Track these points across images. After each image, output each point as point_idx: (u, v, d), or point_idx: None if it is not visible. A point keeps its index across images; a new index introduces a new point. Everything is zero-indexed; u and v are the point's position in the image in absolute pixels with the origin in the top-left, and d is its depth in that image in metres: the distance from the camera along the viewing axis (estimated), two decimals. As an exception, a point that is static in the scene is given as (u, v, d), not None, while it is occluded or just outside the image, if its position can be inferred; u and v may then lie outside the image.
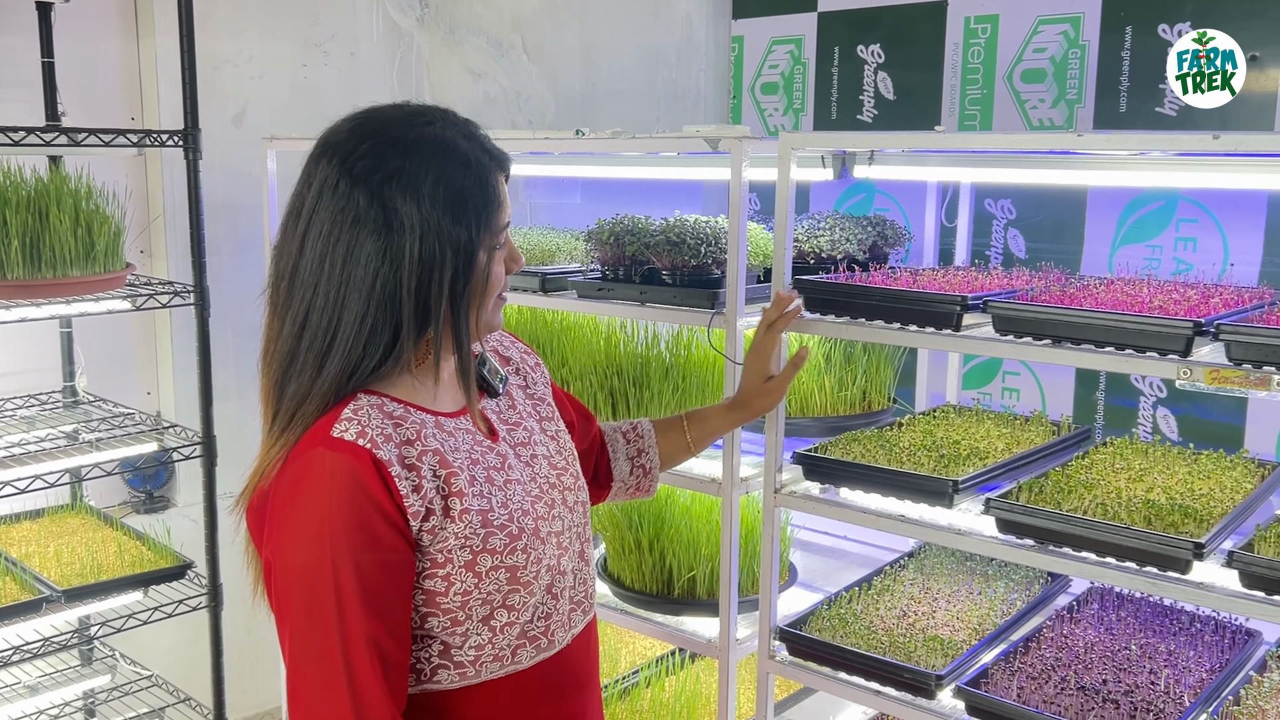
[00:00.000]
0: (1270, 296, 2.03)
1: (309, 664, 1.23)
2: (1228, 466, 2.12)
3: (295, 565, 1.23)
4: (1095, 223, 2.68)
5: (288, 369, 1.30)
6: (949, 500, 1.97)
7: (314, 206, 1.29)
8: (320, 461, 1.23)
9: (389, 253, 1.27)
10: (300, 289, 1.29)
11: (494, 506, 1.33)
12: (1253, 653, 2.10)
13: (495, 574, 1.31)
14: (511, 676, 1.36)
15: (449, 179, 1.29)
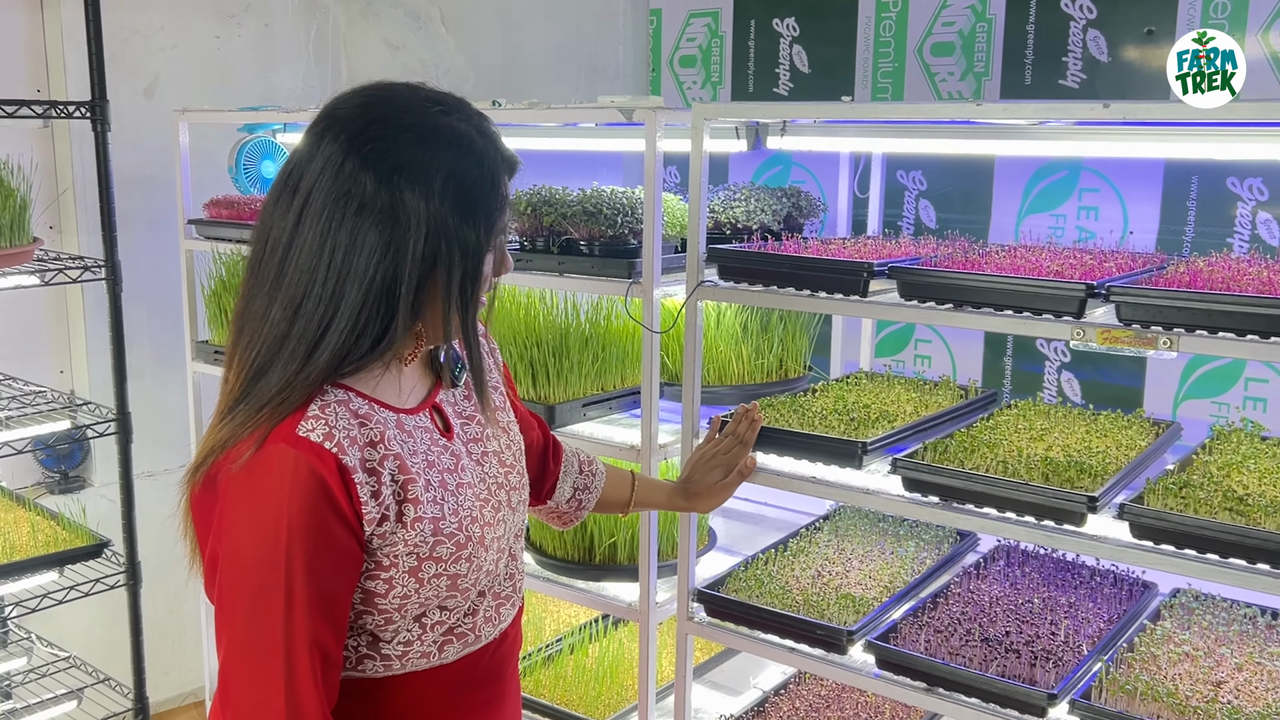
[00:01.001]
0: (1161, 261, 2.12)
1: (248, 660, 1.21)
2: (1124, 426, 2.21)
3: (246, 561, 1.20)
4: (1002, 193, 2.75)
5: (275, 354, 1.24)
6: (858, 461, 2.03)
7: (315, 183, 1.23)
8: (281, 458, 1.19)
9: (393, 246, 1.22)
10: (295, 271, 1.23)
11: (445, 514, 1.31)
12: (1148, 603, 2.20)
13: (437, 580, 1.30)
14: (436, 669, 1.37)
15: (461, 176, 1.24)
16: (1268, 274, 1.78)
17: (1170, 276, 1.82)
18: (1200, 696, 1.78)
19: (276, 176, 1.30)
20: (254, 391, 1.24)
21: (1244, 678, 1.86)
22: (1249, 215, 2.42)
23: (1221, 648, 1.97)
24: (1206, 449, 2.06)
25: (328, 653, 1.22)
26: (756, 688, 2.60)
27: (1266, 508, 1.68)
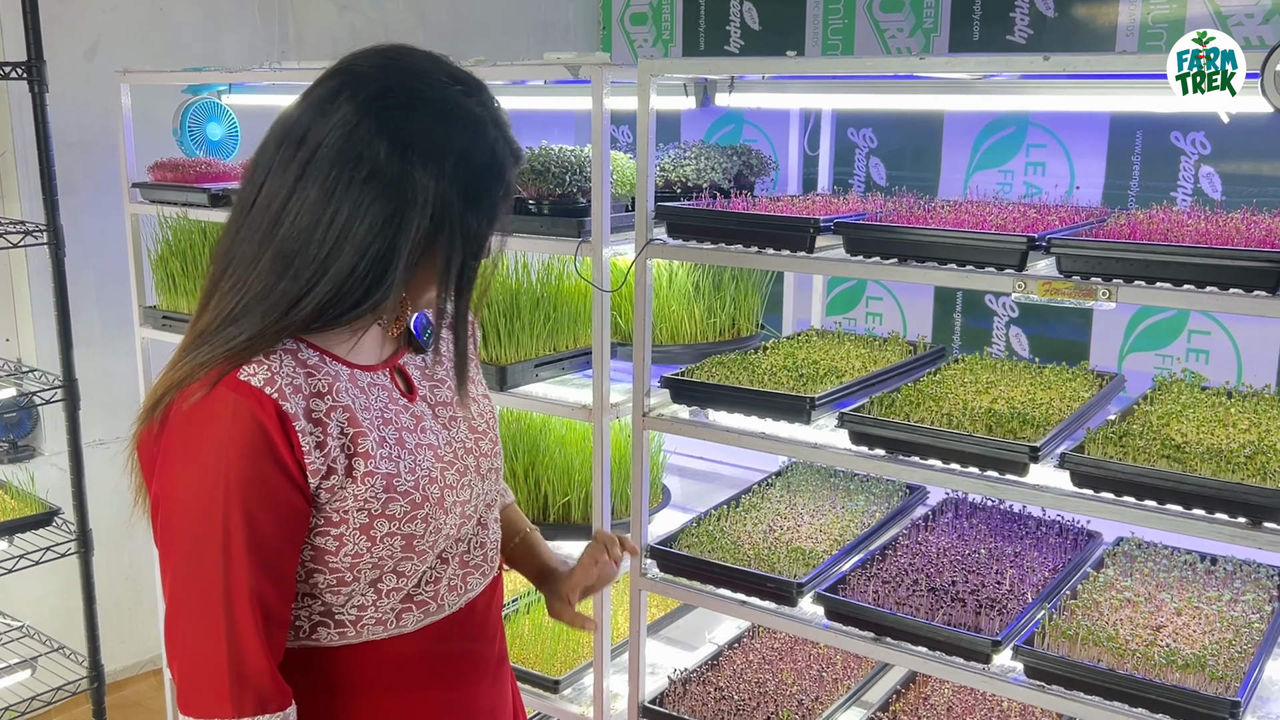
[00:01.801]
0: (1103, 214, 2.14)
1: (188, 606, 1.20)
2: (1069, 379, 2.24)
3: (183, 506, 1.19)
4: (951, 150, 2.77)
5: (255, 304, 1.22)
6: (807, 416, 2.04)
7: (323, 140, 1.19)
8: (222, 402, 1.18)
9: (397, 220, 1.20)
10: (292, 227, 1.20)
11: (400, 471, 1.28)
12: (1093, 552, 2.24)
13: (390, 540, 1.28)
14: (395, 639, 1.34)
15: (472, 161, 1.23)
16: (1205, 225, 1.81)
17: (1110, 228, 1.85)
18: (1140, 640, 1.82)
19: (278, 120, 1.26)
20: (222, 334, 1.22)
21: (1182, 621, 1.90)
22: (1192, 169, 2.45)
23: (1162, 593, 2.01)
24: (1148, 399, 2.09)
25: (268, 606, 1.21)
26: (712, 642, 2.63)
27: (1203, 455, 1.72)
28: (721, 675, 2.42)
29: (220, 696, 1.19)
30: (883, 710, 2.28)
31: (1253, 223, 1.82)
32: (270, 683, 1.22)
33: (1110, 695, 1.74)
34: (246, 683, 1.20)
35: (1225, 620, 1.89)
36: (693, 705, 2.28)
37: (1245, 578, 2.08)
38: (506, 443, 2.48)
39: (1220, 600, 1.97)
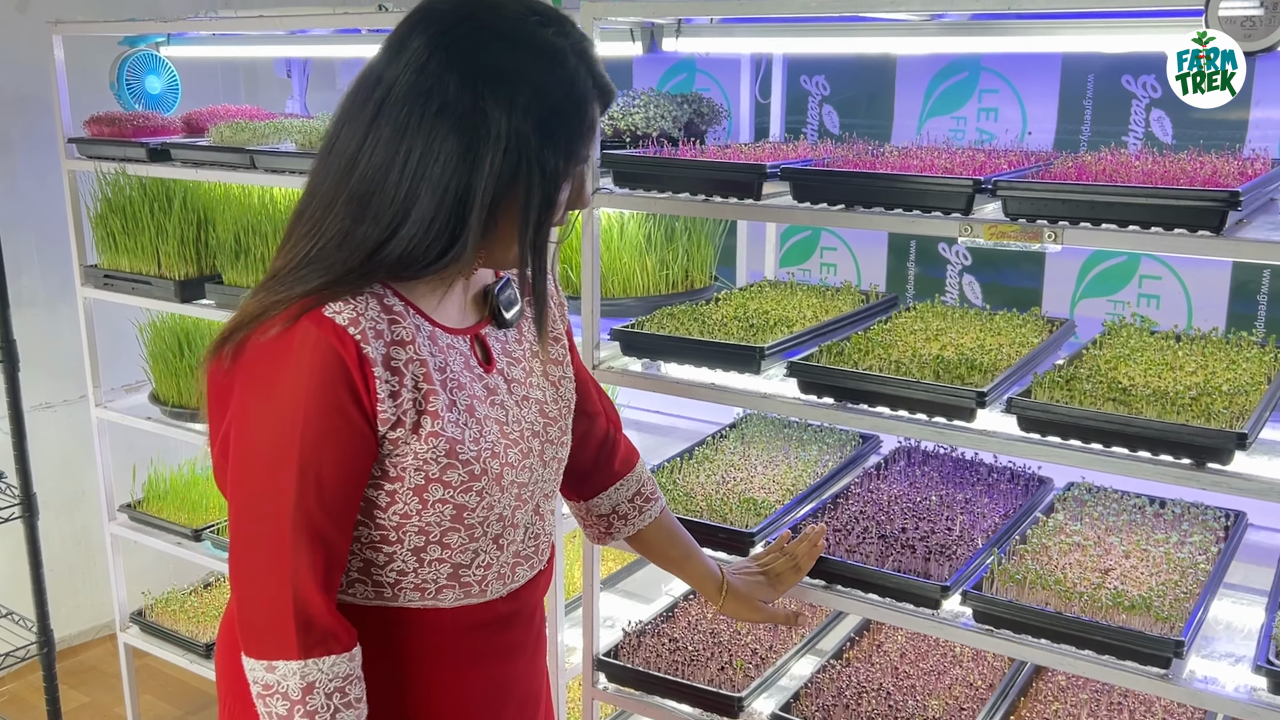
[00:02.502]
0: (1052, 157, 2.12)
1: (255, 544, 1.19)
2: (1019, 325, 2.23)
3: (259, 440, 1.18)
4: (904, 97, 2.74)
5: (336, 247, 1.19)
6: (757, 366, 2.02)
7: (397, 77, 1.18)
8: (304, 335, 1.16)
9: (470, 155, 1.16)
10: (367, 166, 1.18)
11: (465, 439, 1.26)
12: (1044, 498, 2.25)
13: (440, 507, 1.26)
14: (430, 610, 1.32)
15: (548, 94, 1.18)
16: (1151, 166, 1.79)
17: (1056, 171, 1.83)
18: (1088, 583, 1.82)
19: (366, 63, 1.24)
20: (298, 275, 1.20)
21: (1130, 564, 1.91)
22: (1143, 112, 2.44)
23: (1111, 536, 2.02)
24: (1097, 344, 2.09)
25: (331, 549, 1.20)
26: (668, 594, 2.62)
27: (1148, 397, 1.71)
28: (676, 626, 2.42)
29: (286, 638, 1.19)
30: (836, 658, 2.29)
31: (1199, 163, 1.81)
32: (335, 622, 1.21)
33: (1057, 638, 1.75)
34: (313, 624, 1.19)
35: (1172, 562, 1.90)
36: (647, 657, 2.28)
37: (1193, 520, 2.10)
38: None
39: (1168, 542, 1.98)
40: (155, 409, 3.09)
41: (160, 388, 3.10)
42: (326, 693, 1.21)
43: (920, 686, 2.17)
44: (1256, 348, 2.04)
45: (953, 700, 2.12)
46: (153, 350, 3.06)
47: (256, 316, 1.19)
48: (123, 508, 3.22)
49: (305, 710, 1.20)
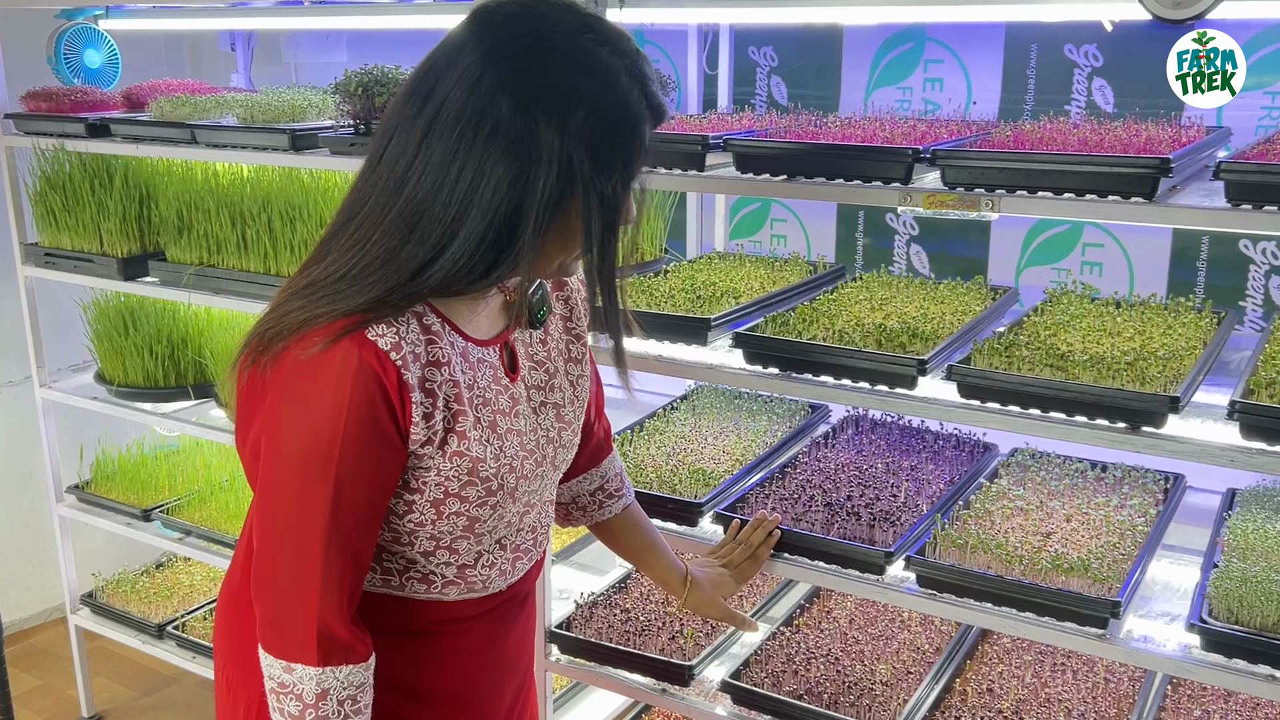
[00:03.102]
0: (990, 127, 2.14)
1: (285, 554, 1.21)
2: (963, 293, 2.26)
3: (293, 454, 1.18)
4: (851, 68, 2.74)
5: (382, 264, 1.18)
6: (704, 338, 2.03)
7: (449, 94, 1.14)
8: (346, 357, 1.15)
9: (521, 180, 1.14)
10: (417, 186, 1.16)
11: (487, 457, 1.27)
12: (988, 464, 2.28)
13: (455, 519, 1.28)
14: (436, 602, 1.36)
15: (603, 116, 1.15)
16: (1087, 134, 1.81)
17: (994, 140, 1.84)
18: (1029, 547, 1.86)
19: (415, 69, 1.20)
20: (339, 289, 1.18)
21: (1071, 528, 1.95)
22: (1085, 81, 2.46)
23: (1053, 501, 2.05)
24: (1039, 311, 2.12)
25: (360, 563, 1.23)
26: (621, 566, 2.64)
27: (1085, 363, 1.74)
28: (629, 598, 2.44)
29: (307, 645, 1.21)
30: (787, 625, 2.31)
31: (1134, 131, 1.83)
32: (354, 636, 1.24)
33: (999, 601, 1.78)
34: (334, 638, 1.22)
35: (1111, 525, 1.94)
36: (599, 628, 2.29)
37: (1133, 483, 2.13)
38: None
39: (1108, 506, 2.01)
40: (101, 389, 3.06)
41: (106, 367, 3.06)
42: (339, 699, 1.24)
43: (869, 651, 2.20)
44: (1194, 313, 2.08)
45: (900, 664, 2.15)
46: (97, 329, 3.02)
47: (297, 328, 1.18)
48: (71, 489, 3.19)
49: (318, 714, 1.23)
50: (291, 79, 3.57)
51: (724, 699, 2.10)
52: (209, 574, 3.43)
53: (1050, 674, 2.14)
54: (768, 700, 2.03)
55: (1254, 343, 1.96)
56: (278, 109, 2.50)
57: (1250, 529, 1.91)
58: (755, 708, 2.05)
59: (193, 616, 3.16)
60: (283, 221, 2.51)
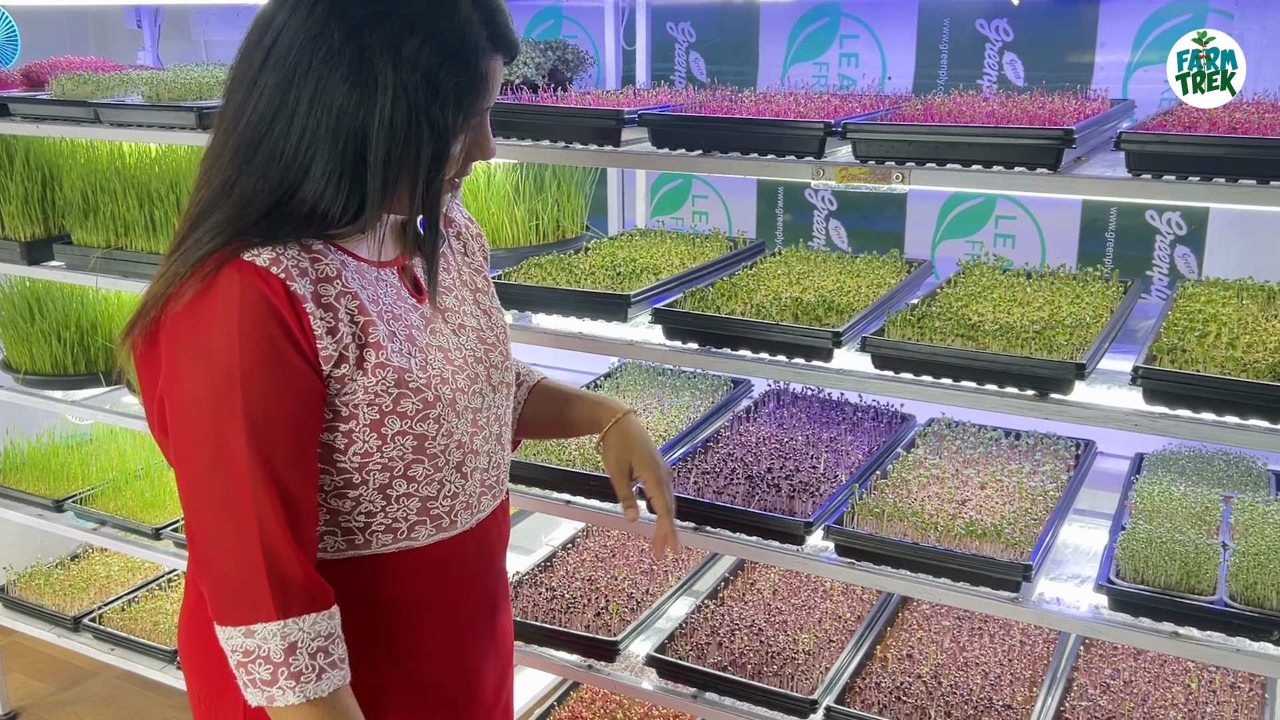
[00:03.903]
0: (902, 100, 2.16)
1: (213, 508, 1.14)
2: (879, 267, 2.28)
3: (196, 400, 1.13)
4: (768, 43, 2.75)
5: (221, 198, 1.16)
6: (624, 314, 2.03)
7: (285, 23, 1.13)
8: (227, 284, 1.12)
9: (360, 107, 1.13)
10: (252, 115, 1.15)
11: (412, 368, 1.23)
12: (906, 434, 2.31)
13: (401, 439, 1.23)
14: (406, 553, 1.29)
15: (436, 46, 1.14)
16: (995, 107, 1.84)
17: (905, 113, 1.86)
18: (944, 514, 1.89)
19: (257, 11, 1.19)
20: (202, 237, 1.15)
21: (985, 495, 1.99)
22: (996, 56, 2.49)
23: (968, 469, 2.09)
24: (952, 283, 2.15)
25: (296, 498, 1.16)
26: (548, 544, 2.64)
27: (995, 333, 1.77)
28: (554, 576, 2.44)
29: (261, 598, 1.14)
30: (711, 598, 2.33)
31: (1040, 104, 1.87)
32: (311, 578, 1.17)
33: (915, 568, 1.81)
34: (288, 581, 1.15)
35: (1024, 491, 1.98)
36: (525, 607, 2.29)
37: (1045, 450, 2.19)
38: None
39: (1021, 472, 2.06)
40: (8, 377, 2.96)
41: (12, 354, 2.97)
42: (310, 653, 1.16)
43: (792, 622, 2.23)
44: (1101, 283, 2.12)
45: (823, 633, 2.19)
46: (1, 316, 2.93)
47: (171, 282, 1.15)
48: (-22, 481, 3.09)
49: (290, 672, 1.16)
50: (201, 56, 3.48)
51: (649, 673, 2.11)
52: (126, 564, 3.35)
53: (968, 638, 2.18)
54: (692, 672, 2.05)
55: (1159, 310, 2.01)
56: (185, 87, 2.44)
57: (1156, 492, 1.96)
58: (680, 680, 2.07)
59: (110, 608, 3.09)
60: (193, 202, 2.44)
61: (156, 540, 2.84)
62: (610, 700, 2.51)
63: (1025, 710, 1.95)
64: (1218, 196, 1.56)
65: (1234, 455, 2.14)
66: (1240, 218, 2.30)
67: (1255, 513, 1.89)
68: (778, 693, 1.98)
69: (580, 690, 2.56)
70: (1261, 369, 1.58)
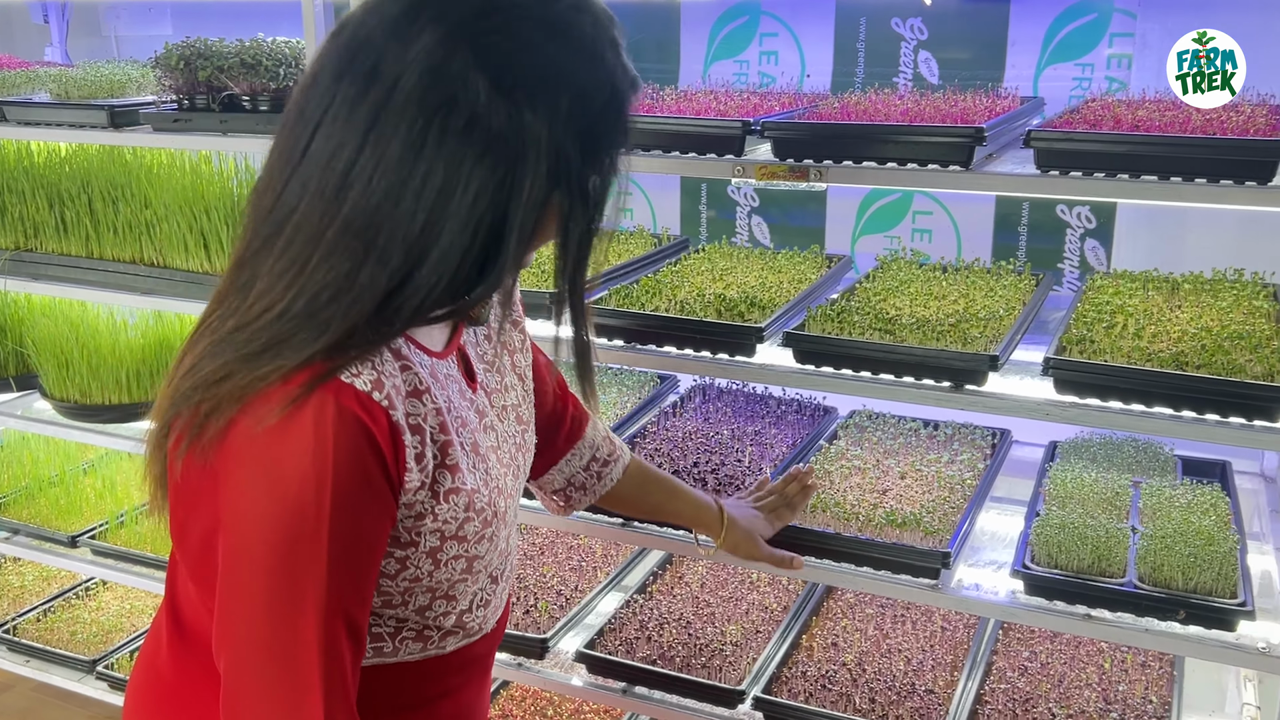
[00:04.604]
0: (819, 99, 2.19)
1: (261, 665, 0.96)
2: (800, 262, 2.32)
3: (269, 542, 0.95)
4: (689, 42, 2.77)
5: (325, 298, 0.94)
6: (548, 312, 2.03)
7: (401, 75, 0.93)
8: (323, 409, 0.94)
9: (508, 182, 0.95)
10: (365, 192, 0.94)
11: (480, 486, 1.09)
12: (828, 426, 2.35)
13: (454, 564, 1.10)
14: (432, 660, 1.17)
15: (590, 98, 0.98)
16: (910, 105, 1.88)
17: (821, 111, 1.89)
18: (866, 504, 1.93)
19: (338, 41, 0.97)
20: (295, 332, 0.95)
21: (906, 484, 2.03)
22: (911, 54, 2.54)
23: (888, 459, 2.14)
24: (870, 278, 2.19)
25: (361, 638, 1.01)
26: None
27: (912, 326, 1.81)
28: (483, 575, 2.43)
29: None
30: (640, 592, 2.35)
31: (953, 102, 1.91)
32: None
33: (838, 557, 1.85)
34: None
35: (942, 480, 2.03)
36: (453, 607, 2.28)
37: (963, 440, 2.24)
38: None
39: (940, 462, 2.10)
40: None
41: (-83, 361, 2.88)
42: None
43: (720, 614, 2.25)
44: (1014, 276, 2.18)
45: (750, 624, 2.21)
46: (-95, 321, 2.83)
47: (239, 396, 0.95)
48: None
49: None
50: (112, 53, 3.40)
51: (579, 669, 2.12)
52: (41, 574, 3.27)
53: (891, 625, 2.23)
54: (621, 667, 2.06)
55: (1069, 302, 2.07)
56: (95, 84, 2.38)
57: (1069, 478, 2.03)
58: (610, 675, 2.09)
59: (25, 619, 3.01)
60: (104, 202, 2.39)
61: (73, 548, 2.78)
62: (541, 698, 2.52)
63: (946, 695, 2.00)
64: (1122, 192, 1.61)
65: (1142, 442, 2.21)
66: (1146, 212, 2.38)
67: (1162, 497, 1.96)
68: (706, 684, 2.00)
69: (510, 689, 2.56)
70: (1165, 358, 1.64)
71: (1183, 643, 1.67)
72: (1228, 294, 1.98)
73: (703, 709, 2.00)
